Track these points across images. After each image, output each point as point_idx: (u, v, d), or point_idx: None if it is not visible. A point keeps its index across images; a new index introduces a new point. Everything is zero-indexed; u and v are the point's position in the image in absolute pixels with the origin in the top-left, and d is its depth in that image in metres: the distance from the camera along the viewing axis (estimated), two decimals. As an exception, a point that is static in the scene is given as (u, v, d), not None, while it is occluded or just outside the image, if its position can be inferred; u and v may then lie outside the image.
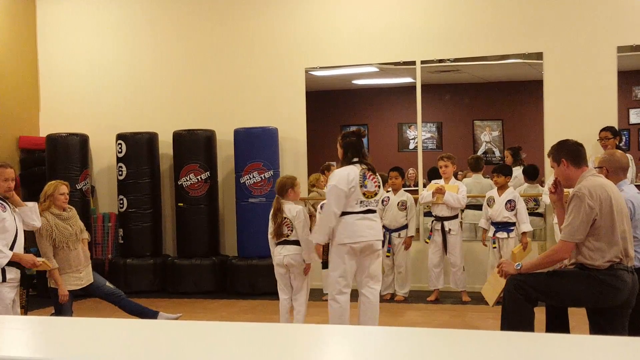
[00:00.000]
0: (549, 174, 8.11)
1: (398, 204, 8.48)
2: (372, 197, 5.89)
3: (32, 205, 6.02)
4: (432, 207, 8.44)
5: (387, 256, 8.46)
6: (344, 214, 5.85)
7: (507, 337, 2.96)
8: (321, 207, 6.43)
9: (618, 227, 4.58)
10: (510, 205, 8.00)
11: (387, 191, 8.61)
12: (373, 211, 5.95)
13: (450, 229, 8.25)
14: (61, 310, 6.37)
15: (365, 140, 6.18)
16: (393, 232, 8.48)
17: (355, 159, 5.91)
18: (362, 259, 5.94)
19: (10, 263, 5.71)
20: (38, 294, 6.57)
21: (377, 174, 5.99)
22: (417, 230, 9.18)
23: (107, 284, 6.73)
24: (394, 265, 8.54)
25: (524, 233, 7.94)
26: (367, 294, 5.99)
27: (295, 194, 6.42)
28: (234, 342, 2.71)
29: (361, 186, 5.84)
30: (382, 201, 8.60)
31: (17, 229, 5.84)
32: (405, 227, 8.49)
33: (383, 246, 8.49)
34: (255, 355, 2.53)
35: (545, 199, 7.97)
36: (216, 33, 10.01)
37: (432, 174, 9.09)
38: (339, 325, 5.13)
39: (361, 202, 5.85)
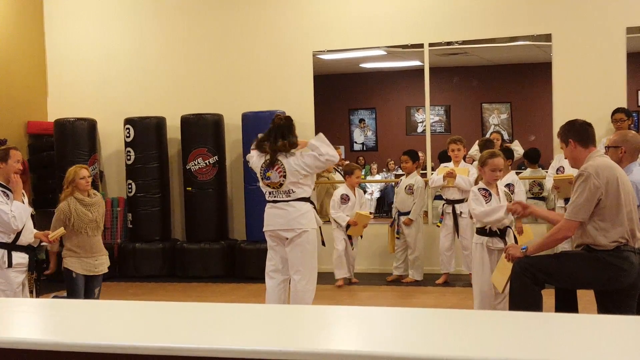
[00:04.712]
0: (558, 155, 8.08)
1: (405, 188, 8.50)
2: (277, 188, 5.84)
3: (24, 207, 5.79)
4: (442, 190, 8.40)
5: (397, 238, 8.54)
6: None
7: (515, 318, 2.97)
8: None
9: (624, 207, 4.56)
10: (509, 189, 7.94)
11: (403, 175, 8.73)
12: (284, 200, 5.85)
13: (461, 212, 8.21)
14: (73, 292, 6.37)
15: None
16: (402, 215, 8.50)
17: (264, 146, 5.88)
18: (286, 247, 5.93)
19: (19, 248, 5.73)
20: (49, 279, 6.60)
21: (287, 161, 5.77)
22: (426, 213, 9.18)
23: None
24: (405, 247, 8.57)
25: (517, 218, 7.83)
26: (292, 283, 6.00)
27: None
28: (244, 323, 2.72)
29: (263, 178, 5.87)
30: (396, 184, 8.66)
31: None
32: None
33: (392, 225, 8.58)
34: (266, 335, 2.55)
35: (548, 182, 7.92)
36: (223, 17, 9.97)
37: (443, 157, 9.07)
38: (349, 307, 5.14)
39: (269, 192, 5.90)
